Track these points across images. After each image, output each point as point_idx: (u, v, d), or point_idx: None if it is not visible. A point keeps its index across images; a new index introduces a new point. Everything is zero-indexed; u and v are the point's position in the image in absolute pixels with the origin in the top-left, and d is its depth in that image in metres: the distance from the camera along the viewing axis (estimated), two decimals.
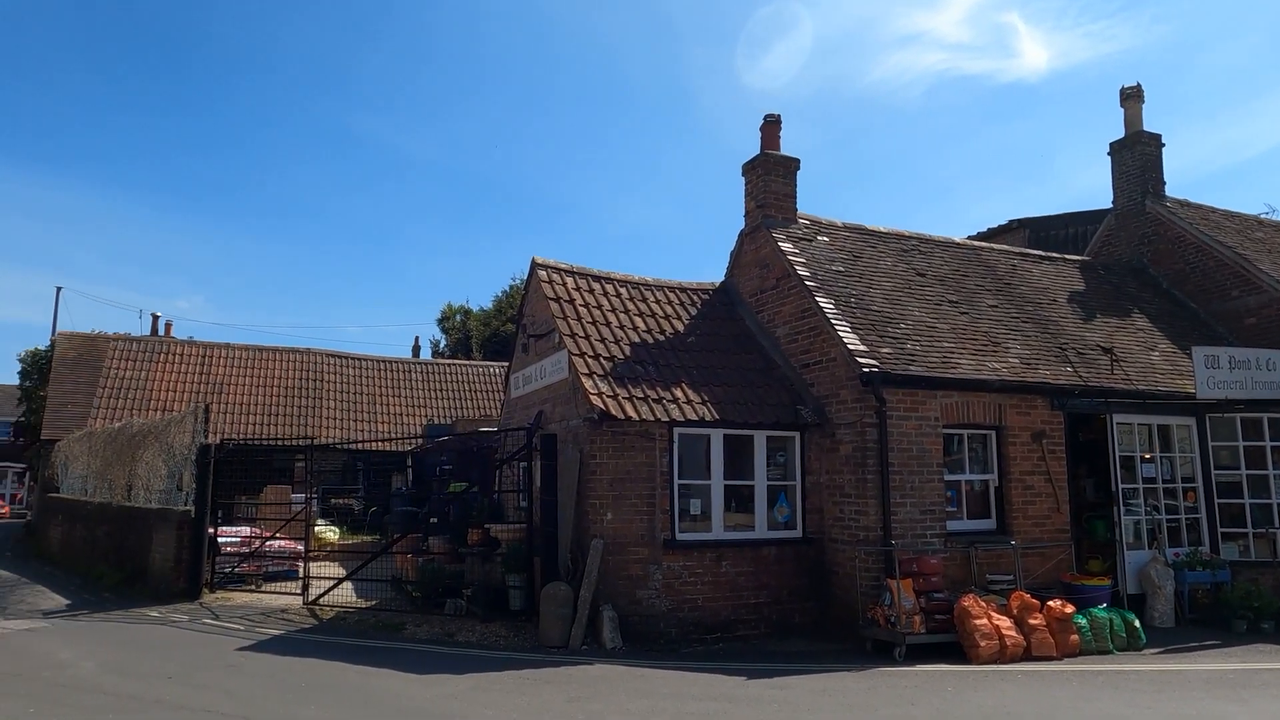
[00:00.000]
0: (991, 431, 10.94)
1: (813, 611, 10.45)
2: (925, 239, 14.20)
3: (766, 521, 10.51)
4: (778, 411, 10.71)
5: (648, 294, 12.50)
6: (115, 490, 16.16)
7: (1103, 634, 9.45)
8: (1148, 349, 13.02)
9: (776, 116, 12.83)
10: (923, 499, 10.16)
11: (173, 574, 12.60)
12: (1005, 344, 11.79)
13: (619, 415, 9.63)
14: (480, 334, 37.81)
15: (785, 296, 11.82)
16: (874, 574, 9.78)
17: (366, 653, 8.88)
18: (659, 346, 11.33)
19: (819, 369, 10.98)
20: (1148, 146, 16.08)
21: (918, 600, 9.21)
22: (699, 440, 10.31)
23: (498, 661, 8.55)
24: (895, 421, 10.15)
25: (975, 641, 8.75)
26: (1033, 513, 10.86)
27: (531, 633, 9.76)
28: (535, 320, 12.19)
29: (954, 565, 10.15)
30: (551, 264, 12.11)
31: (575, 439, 10.26)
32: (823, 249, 12.50)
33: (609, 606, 9.42)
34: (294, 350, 27.31)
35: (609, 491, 9.77)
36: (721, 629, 9.94)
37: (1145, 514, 11.60)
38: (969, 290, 12.98)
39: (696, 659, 8.96)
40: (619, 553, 9.69)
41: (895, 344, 10.81)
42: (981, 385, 10.72)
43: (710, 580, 9.99)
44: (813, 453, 10.81)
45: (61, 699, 6.92)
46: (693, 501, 10.22)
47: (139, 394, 23.68)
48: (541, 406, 11.77)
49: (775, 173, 12.70)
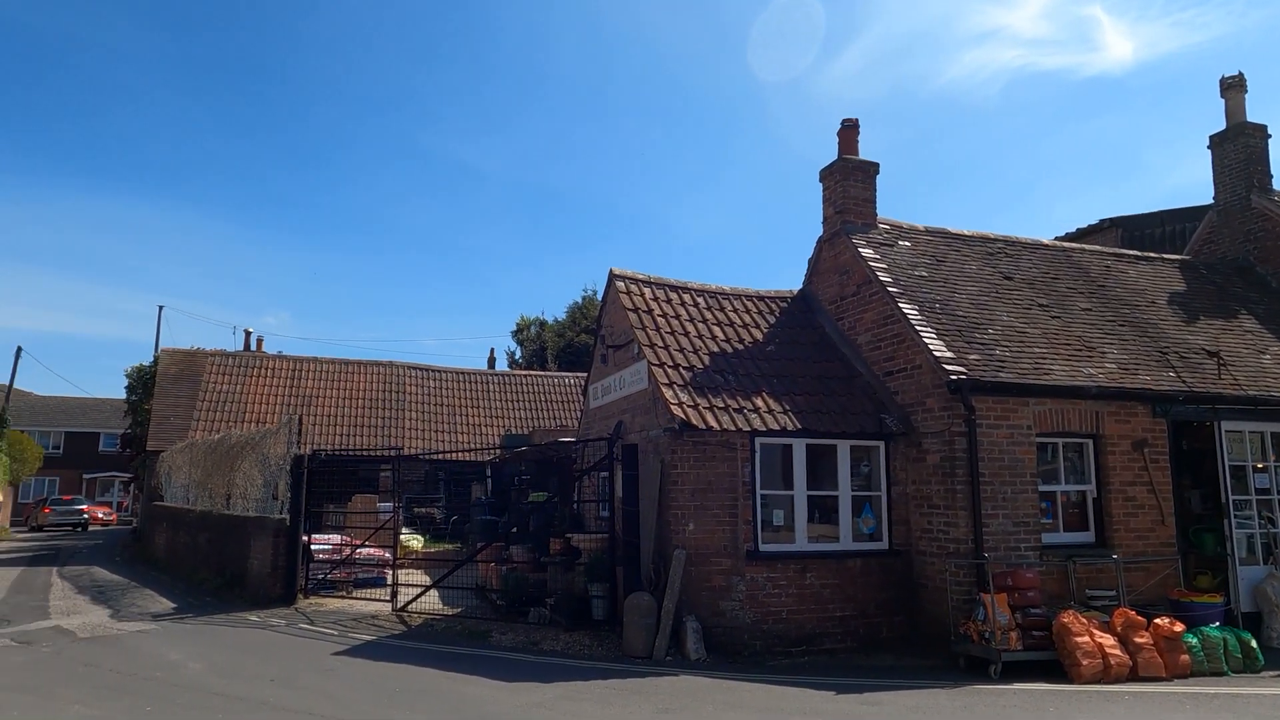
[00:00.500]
0: (1088, 440, 10.49)
1: (901, 626, 10.19)
2: (1012, 241, 13.76)
3: (851, 533, 10.31)
4: (861, 420, 10.50)
5: (725, 303, 12.45)
6: (215, 499, 16.94)
7: (1216, 654, 8.93)
8: (1258, 352, 12.30)
9: (854, 121, 12.65)
10: (1016, 510, 9.81)
11: (269, 580, 13.11)
12: (1101, 348, 11.30)
13: (700, 425, 9.61)
14: (555, 345, 38.28)
15: (867, 303, 11.61)
16: (965, 588, 9.47)
17: (455, 659, 9.05)
18: (738, 355, 11.26)
19: (903, 377, 10.73)
20: (1251, 138, 15.22)
21: (1013, 616, 8.87)
22: (781, 450, 10.19)
23: (583, 671, 8.60)
24: (985, 430, 9.83)
25: (1077, 660, 8.37)
26: (1135, 525, 10.36)
27: (614, 642, 9.79)
28: (613, 331, 12.27)
29: (1051, 580, 9.75)
30: (629, 275, 12.19)
31: (656, 449, 10.27)
32: (904, 254, 12.24)
33: (692, 618, 9.38)
34: (377, 363, 28.18)
35: (690, 502, 9.74)
36: (806, 642, 9.78)
37: (1260, 527, 10.93)
38: (1060, 293, 12.50)
39: (782, 672, 8.83)
40: (701, 563, 9.64)
41: (983, 350, 10.48)
42: (1076, 392, 10.30)
43: (794, 592, 9.85)
44: (898, 462, 10.56)
45: (174, 698, 7.27)
46: (775, 512, 10.11)
47: (235, 406, 24.79)
48: (621, 417, 11.83)
49: (854, 178, 12.51)
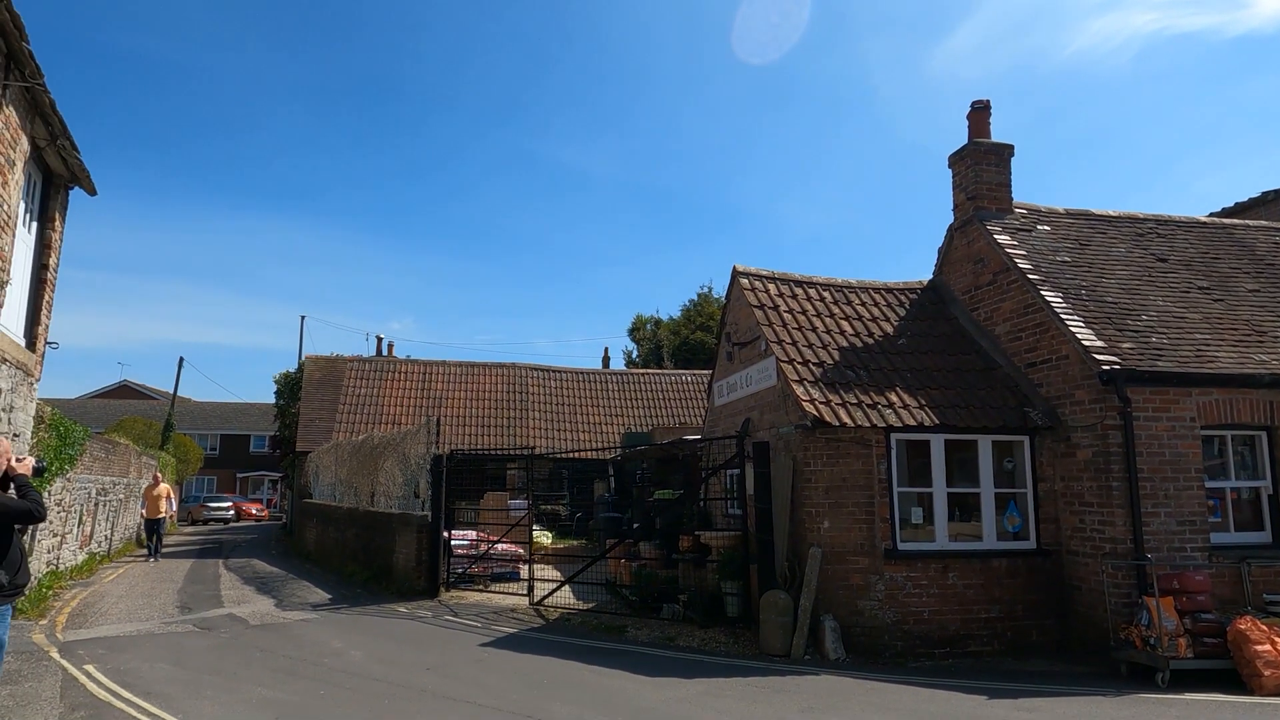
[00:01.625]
0: (1261, 432, 9.70)
1: (1052, 629, 9.72)
2: (1163, 220, 12.87)
3: (995, 531, 9.92)
4: (1003, 414, 10.08)
5: (852, 296, 12.21)
6: (360, 497, 17.97)
7: None
8: None
9: (985, 103, 12.14)
10: (1180, 508, 9.18)
11: (414, 573, 13.80)
12: (1273, 333, 10.42)
13: (833, 421, 9.47)
14: (670, 343, 38.49)
15: (1004, 292, 11.12)
16: (1124, 590, 8.94)
17: (594, 653, 9.26)
18: (868, 350, 11.03)
19: (1047, 368, 10.23)
20: None
21: (1180, 621, 8.32)
22: (918, 446, 9.92)
23: (722, 668, 8.64)
24: (1142, 423, 9.25)
25: (1257, 670, 7.76)
26: None
27: (750, 640, 9.78)
28: (739, 328, 12.25)
29: (1221, 583, 9.07)
30: (753, 271, 12.13)
31: (787, 446, 10.20)
32: (1044, 239, 11.65)
33: (829, 616, 9.27)
34: (501, 365, 29.15)
35: (824, 499, 9.62)
36: (950, 644, 9.48)
37: None
38: (1222, 274, 11.60)
39: (925, 674, 8.59)
40: (838, 562, 9.51)
41: (1137, 338, 9.86)
42: (1247, 381, 9.53)
43: (936, 592, 9.57)
44: (1044, 458, 10.08)
45: (343, 684, 7.78)
46: (913, 510, 9.85)
47: (372, 409, 26.20)
48: (748, 414, 11.80)
49: (986, 161, 12.01)
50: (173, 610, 12.40)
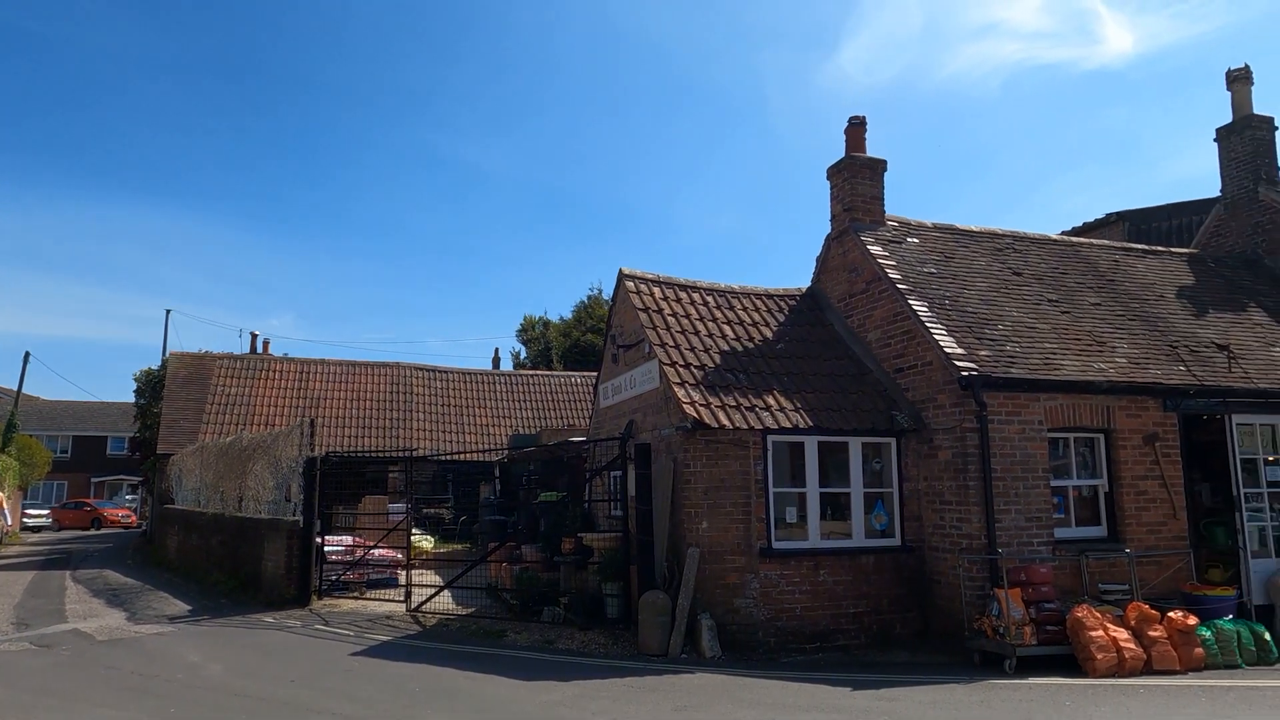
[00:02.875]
0: (1099, 435, 10.52)
1: (914, 622, 10.23)
2: (1020, 236, 13.78)
3: (864, 529, 10.35)
4: (872, 417, 10.54)
5: (734, 301, 12.49)
6: (227, 502, 17.02)
7: (1230, 647, 8.96)
8: (1267, 345, 12.31)
9: (861, 119, 12.68)
10: (1028, 506, 9.84)
11: (284, 581, 13.19)
12: (1111, 343, 11.33)
13: (713, 424, 9.65)
14: (560, 345, 38.33)
15: (876, 300, 11.64)
16: (979, 583, 9.51)
17: (472, 659, 9.10)
18: (748, 354, 11.31)
19: (914, 373, 10.77)
20: (1259, 130, 15.21)
21: (1027, 611, 8.91)
22: (793, 447, 10.24)
23: (600, 669, 8.66)
24: (997, 426, 9.86)
25: (1091, 654, 8.41)
26: (1147, 519, 10.39)
27: (629, 641, 9.84)
28: (624, 331, 12.32)
29: (1064, 574, 9.78)
30: (639, 274, 12.23)
31: (668, 448, 10.32)
32: (913, 251, 12.27)
33: (707, 615, 9.43)
34: (384, 365, 28.27)
35: (704, 500, 9.79)
36: (820, 638, 9.83)
37: (1271, 520, 10.95)
38: (1069, 288, 12.53)
39: (797, 669, 8.88)
40: (715, 561, 9.69)
41: (994, 346, 10.51)
42: (1088, 387, 10.32)
43: (808, 589, 9.90)
44: (910, 459, 10.60)
45: (198, 699, 7.33)
46: (788, 509, 10.16)
47: (243, 409, 24.88)
48: (632, 416, 11.88)
49: (862, 175, 12.54)
50: (5, 627, 11.38)
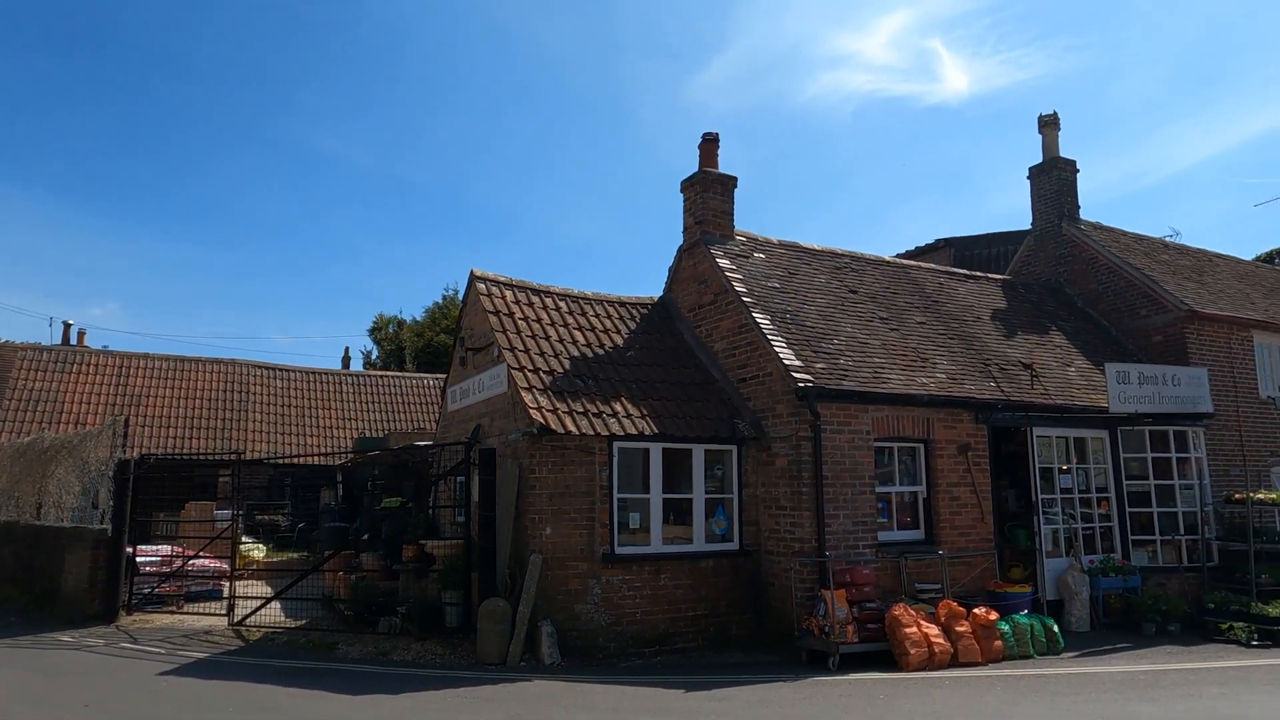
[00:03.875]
0: (920, 444, 11.30)
1: (750, 623, 10.59)
2: (857, 257, 14.62)
3: (705, 534, 10.63)
4: (716, 425, 10.86)
5: (587, 308, 12.54)
6: (24, 508, 15.34)
7: (1024, 639, 9.84)
8: (1065, 365, 13.65)
9: (715, 135, 13.07)
10: (856, 511, 10.43)
11: (87, 596, 12.02)
12: (933, 360, 12.21)
13: (559, 429, 9.64)
14: (414, 345, 37.18)
15: (723, 312, 12.01)
16: (809, 585, 9.98)
17: (298, 674, 8.63)
18: (598, 360, 11.38)
19: (756, 383, 11.19)
20: (1063, 171, 16.90)
21: (850, 610, 9.43)
22: (638, 454, 10.38)
23: (435, 680, 8.42)
24: (829, 435, 10.40)
25: (905, 650, 9.01)
26: (959, 523, 11.25)
27: (469, 650, 9.64)
28: (473, 333, 12.10)
29: (885, 575, 10.43)
30: (490, 276, 12.05)
31: (514, 453, 10.21)
32: (759, 266, 12.76)
33: (547, 622, 9.38)
34: (218, 361, 26.40)
35: (548, 506, 9.75)
36: (660, 642, 9.99)
37: (1063, 523, 12.14)
38: (899, 307, 13.41)
39: (635, 673, 8.99)
40: (558, 567, 9.67)
41: (829, 359, 11.09)
42: (911, 400, 11.08)
43: (649, 594, 10.05)
44: (750, 466, 10.99)
45: None
46: (631, 515, 10.28)
47: (49, 406, 22.54)
48: (479, 420, 11.67)
49: (713, 190, 12.92)
50: None
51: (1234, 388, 14.57)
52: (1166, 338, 14.63)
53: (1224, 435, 14.13)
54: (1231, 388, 14.52)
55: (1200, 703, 7.59)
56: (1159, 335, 14.77)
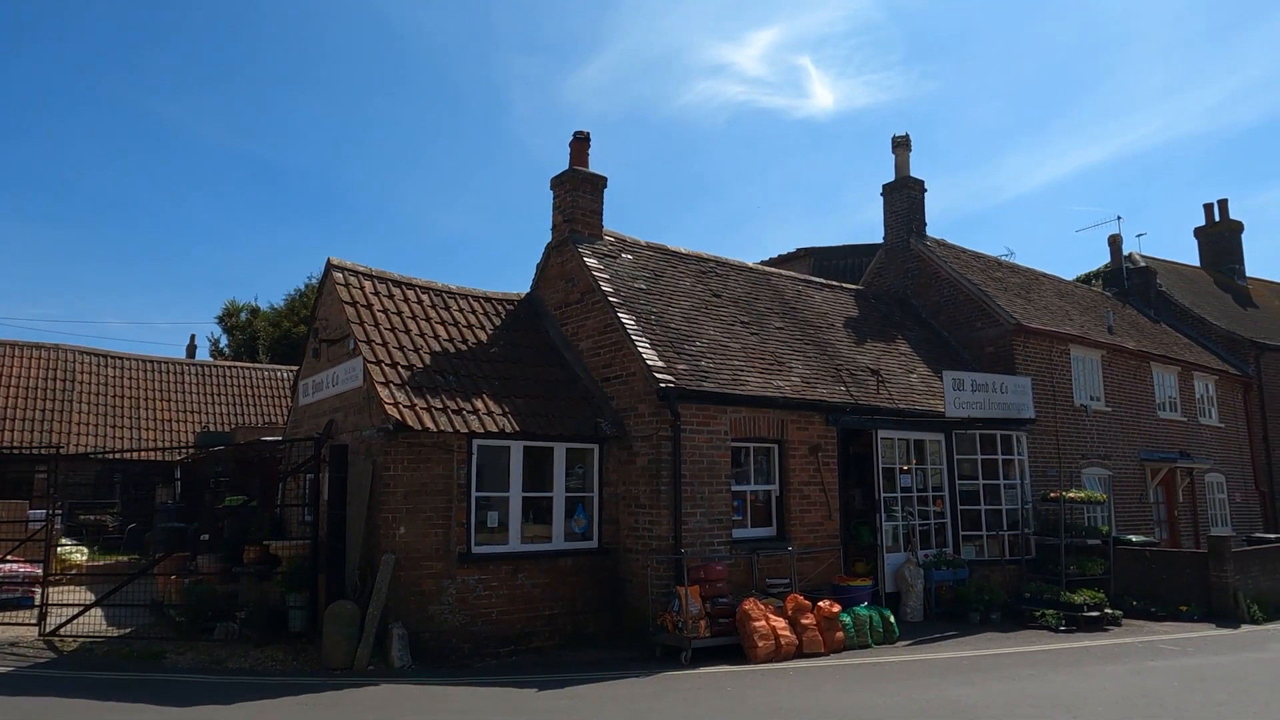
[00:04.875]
0: (775, 445, 11.74)
1: (607, 621, 10.67)
2: (722, 262, 15.02)
3: (564, 533, 10.63)
4: (578, 424, 10.88)
5: (451, 302, 12.27)
6: None
7: (864, 630, 10.42)
8: (908, 372, 14.55)
9: (586, 134, 13.10)
10: (712, 509, 10.71)
11: None
12: (789, 364, 12.72)
13: (416, 426, 9.38)
14: (269, 335, 35.18)
15: (589, 311, 12.05)
16: (665, 582, 10.16)
17: (117, 687, 7.98)
18: (460, 356, 11.15)
19: (619, 383, 11.29)
20: (913, 190, 18.02)
21: (704, 606, 9.68)
22: (499, 452, 10.25)
23: (274, 688, 7.99)
24: (689, 435, 10.64)
25: (754, 642, 9.34)
26: (809, 520, 11.77)
27: (313, 655, 9.21)
28: (329, 324, 11.59)
29: (738, 571, 10.77)
30: (349, 266, 11.58)
31: (369, 450, 9.86)
32: (626, 266, 12.88)
33: (399, 624, 9.11)
34: (38, 346, 24.02)
35: (403, 505, 9.47)
36: (516, 641, 9.91)
37: (902, 520, 12.94)
38: (760, 312, 13.88)
39: (489, 673, 8.87)
40: (412, 568, 9.40)
41: (691, 361, 11.34)
42: (767, 402, 11.49)
43: (505, 593, 9.94)
44: (611, 465, 11.07)
45: None
46: (490, 514, 10.14)
47: None
48: (332, 415, 11.19)
49: (583, 189, 12.94)
50: None
51: (1053, 396, 15.99)
52: (997, 349, 15.87)
53: (1043, 439, 15.48)
54: (1051, 396, 15.92)
55: (1013, 684, 8.27)
56: (991, 346, 16.00)
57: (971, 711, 7.09)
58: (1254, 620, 12.44)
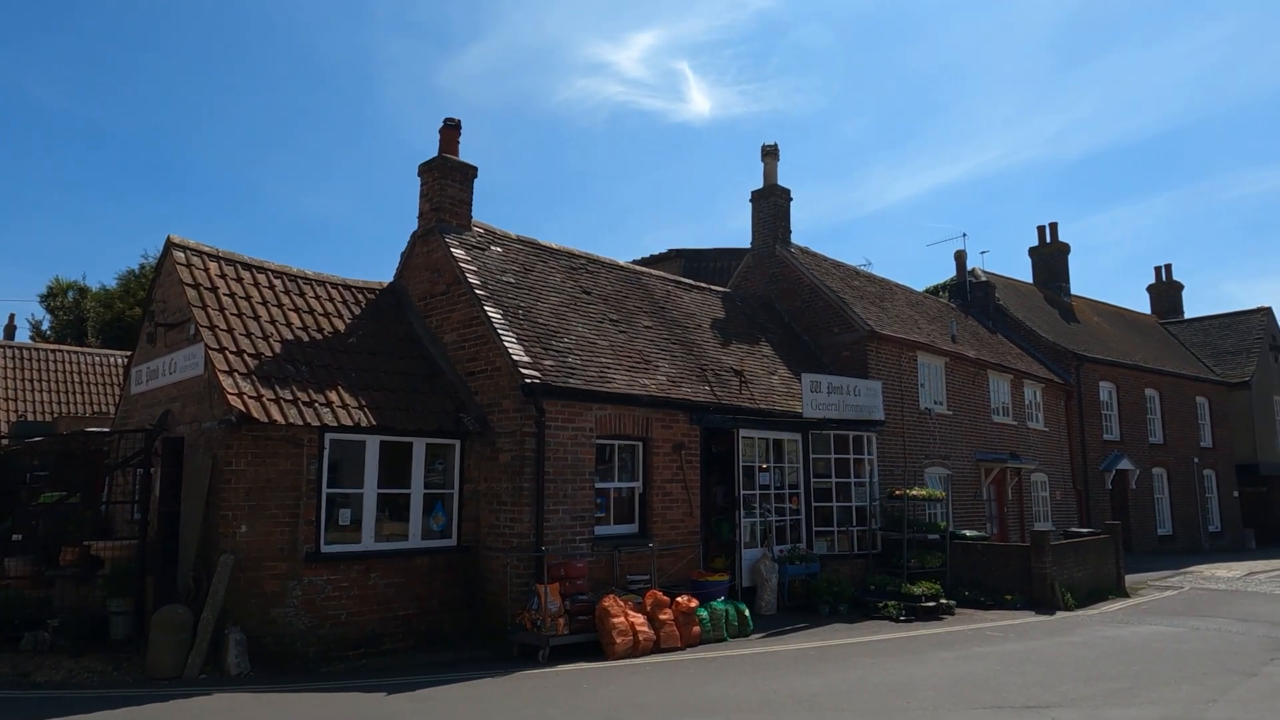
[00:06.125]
0: (639, 443, 11.84)
1: (464, 621, 10.43)
2: (593, 259, 15.01)
3: (422, 531, 10.31)
4: (440, 419, 10.58)
5: (307, 288, 11.65)
6: None
7: (720, 624, 10.67)
8: (770, 373, 15.05)
9: (456, 121, 12.76)
10: (575, 506, 10.67)
11: None
12: (656, 362, 12.86)
13: (262, 418, 8.83)
14: (99, 317, 32.27)
15: (455, 303, 11.75)
16: (525, 580, 10.04)
17: None
18: (315, 346, 10.60)
19: (484, 378, 11.06)
20: (779, 198, 18.66)
21: (563, 603, 9.63)
22: (354, 446, 9.81)
23: (87, 701, 7.30)
24: (553, 432, 10.55)
25: (612, 639, 9.37)
26: (670, 517, 11.94)
27: (138, 665, 8.51)
28: (168, 307, 10.75)
29: (599, 568, 10.78)
30: (192, 245, 10.78)
31: (208, 443, 9.20)
32: (495, 259, 12.65)
33: (237, 629, 8.54)
34: None
35: (245, 502, 8.90)
36: (367, 644, 9.52)
37: (760, 517, 13.35)
38: (629, 311, 13.96)
39: (336, 678, 8.47)
40: (254, 569, 8.85)
41: (558, 357, 11.25)
42: (633, 400, 11.57)
43: (357, 594, 9.53)
44: (473, 461, 10.84)
45: None
46: (343, 511, 9.69)
47: None
48: (169, 405, 10.38)
49: (452, 177, 12.60)
50: None
51: (901, 399, 16.96)
52: (853, 353, 16.67)
53: (892, 440, 16.39)
54: (899, 399, 16.88)
55: (855, 673, 8.69)
56: (847, 351, 16.78)
57: (816, 700, 7.39)
58: (1067, 607, 13.63)
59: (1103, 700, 7.44)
